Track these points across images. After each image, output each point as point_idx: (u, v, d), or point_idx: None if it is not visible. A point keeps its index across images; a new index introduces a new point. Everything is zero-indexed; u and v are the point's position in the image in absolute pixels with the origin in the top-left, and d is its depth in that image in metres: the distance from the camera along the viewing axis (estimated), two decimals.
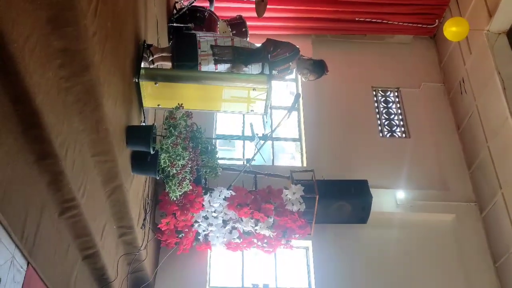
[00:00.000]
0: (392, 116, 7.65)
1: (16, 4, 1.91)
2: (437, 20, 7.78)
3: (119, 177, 3.39)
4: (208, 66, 4.27)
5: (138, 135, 3.57)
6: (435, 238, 6.38)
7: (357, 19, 7.69)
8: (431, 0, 7.60)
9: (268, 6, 6.05)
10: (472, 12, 6.92)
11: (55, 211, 2.87)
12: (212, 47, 4.30)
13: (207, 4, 6.26)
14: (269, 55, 4.41)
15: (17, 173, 2.30)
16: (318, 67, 4.49)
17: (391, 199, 6.47)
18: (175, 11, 6.18)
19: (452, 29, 5.84)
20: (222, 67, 4.32)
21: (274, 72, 4.47)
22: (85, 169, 2.97)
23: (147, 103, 3.90)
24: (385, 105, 7.74)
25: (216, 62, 4.28)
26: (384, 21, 7.69)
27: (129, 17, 3.42)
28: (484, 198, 6.54)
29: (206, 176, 5.24)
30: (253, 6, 6.13)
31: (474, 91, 6.91)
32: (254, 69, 4.41)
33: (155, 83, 3.72)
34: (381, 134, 7.37)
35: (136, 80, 3.64)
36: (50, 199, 2.75)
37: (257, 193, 5.27)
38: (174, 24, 5.83)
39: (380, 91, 7.83)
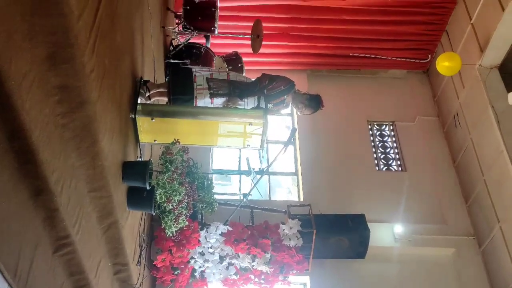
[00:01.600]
0: (388, 149, 7.67)
1: (15, 42, 1.93)
2: (429, 55, 7.91)
3: (114, 213, 3.36)
4: (204, 100, 4.30)
5: (135, 170, 3.56)
6: (434, 272, 6.31)
7: (351, 54, 7.83)
8: (423, 36, 7.75)
9: (263, 42, 6.14)
10: (464, 47, 7.05)
11: (49, 248, 2.83)
12: (208, 81, 4.34)
13: (203, 41, 6.36)
14: (264, 89, 4.45)
15: (12, 210, 2.27)
16: (314, 102, 4.52)
17: (389, 233, 6.42)
18: (171, 48, 6.28)
19: (445, 64, 5.94)
20: (218, 101, 4.35)
21: (269, 105, 4.50)
22: (81, 206, 2.94)
23: (144, 138, 3.91)
24: (380, 139, 7.78)
25: (212, 95, 4.31)
26: (377, 56, 7.81)
27: (127, 54, 3.47)
28: (482, 232, 6.50)
29: (203, 212, 5.19)
30: (249, 42, 6.22)
31: (468, 124, 6.97)
32: (249, 102, 4.44)
33: (152, 119, 3.74)
34: (377, 168, 7.38)
35: (133, 116, 3.66)
36: (45, 235, 2.71)
37: (254, 228, 5.23)
38: (171, 60, 5.91)
39: (375, 125, 7.89)
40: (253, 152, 6.29)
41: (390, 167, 7.47)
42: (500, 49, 6.53)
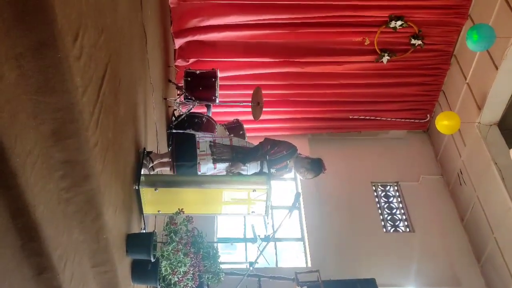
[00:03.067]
0: (394, 210, 7.60)
1: (20, 120, 1.96)
2: (428, 115, 8.02)
3: None
4: (207, 166, 4.31)
5: (139, 243, 3.51)
6: None
7: (351, 117, 7.94)
8: (420, 97, 7.89)
9: (264, 109, 6.24)
10: (462, 106, 7.16)
11: None
12: (211, 146, 4.38)
13: (204, 110, 6.47)
14: (267, 154, 4.48)
15: None
16: (316, 166, 4.52)
17: None
18: (173, 118, 6.37)
19: (444, 123, 6.00)
20: (221, 166, 4.36)
21: (272, 170, 4.51)
22: (84, 281, 2.87)
23: (147, 209, 3.88)
24: (386, 200, 7.72)
25: (215, 161, 4.34)
26: (377, 118, 7.92)
27: (130, 126, 3.52)
28: None
29: (209, 282, 5.06)
30: (250, 109, 6.33)
31: (473, 182, 6.93)
32: (252, 167, 4.45)
33: (155, 189, 3.73)
34: (384, 230, 7.27)
35: (136, 187, 3.66)
36: None
37: None
38: (173, 131, 5.99)
39: (379, 186, 7.85)
40: (258, 218, 6.23)
41: (398, 228, 7.36)
42: (497, 106, 6.62)
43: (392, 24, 6.87)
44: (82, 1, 2.16)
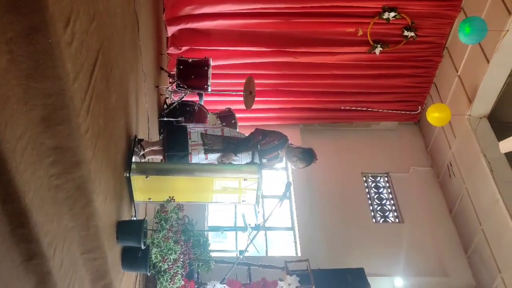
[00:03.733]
0: (384, 201, 7.65)
1: (10, 106, 1.95)
2: (419, 107, 8.06)
3: (109, 275, 3.28)
4: (198, 156, 4.31)
5: (129, 230, 3.51)
6: None
7: (342, 107, 7.96)
8: (412, 88, 7.92)
9: (256, 98, 6.24)
10: (452, 98, 7.20)
11: None
12: (202, 137, 4.38)
13: (196, 99, 6.46)
14: (258, 144, 4.48)
15: (3, 276, 2.22)
16: (307, 155, 4.53)
17: (389, 287, 6.29)
18: (165, 106, 6.36)
19: (435, 115, 6.03)
20: (212, 156, 4.36)
21: (263, 160, 4.52)
22: (74, 268, 2.88)
23: (138, 197, 3.88)
24: (376, 191, 7.77)
25: (206, 151, 4.34)
26: (369, 109, 7.95)
27: (121, 113, 3.50)
28: (484, 283, 6.39)
29: (199, 270, 5.09)
30: (242, 98, 6.33)
31: (462, 174, 6.99)
32: (244, 158, 4.46)
33: (146, 177, 3.73)
34: (374, 220, 7.33)
35: (127, 175, 3.65)
36: None
37: (251, 286, 5.11)
38: (165, 119, 5.98)
39: (370, 177, 7.90)
40: (249, 207, 6.24)
41: (387, 219, 7.43)
42: (488, 99, 6.67)
43: (385, 15, 6.87)
44: None
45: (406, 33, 7.09)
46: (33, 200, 2.22)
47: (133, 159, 3.81)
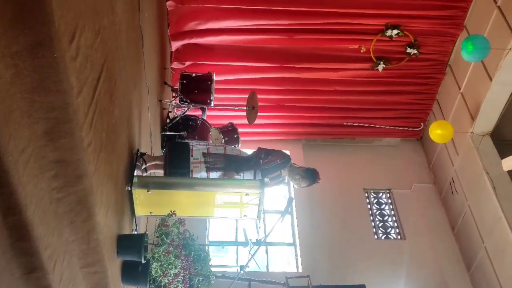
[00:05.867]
0: (386, 217, 7.62)
1: (14, 119, 1.96)
2: (422, 123, 8.06)
3: None
4: (200, 174, 4.31)
5: (130, 244, 3.50)
6: None
7: (345, 123, 7.97)
8: (414, 105, 7.94)
9: (258, 114, 6.25)
10: (455, 115, 7.20)
11: None
12: (204, 155, 4.38)
13: (199, 113, 6.48)
14: (261, 162, 4.47)
15: None
16: (310, 175, 4.52)
17: None
18: (168, 120, 6.38)
19: (437, 132, 6.04)
20: (214, 175, 4.36)
21: (266, 179, 4.51)
22: (74, 282, 2.86)
23: (139, 211, 3.88)
24: (378, 207, 7.74)
25: (208, 169, 4.33)
26: (371, 125, 7.95)
27: (124, 127, 3.52)
28: None
29: (199, 285, 5.04)
30: (244, 113, 6.34)
31: (464, 191, 6.97)
32: (246, 176, 4.46)
33: (148, 191, 3.73)
34: (376, 236, 7.29)
35: (129, 188, 3.65)
36: None
37: None
38: (168, 133, 5.99)
39: (372, 193, 7.88)
40: (250, 222, 6.23)
41: (389, 236, 7.39)
42: (490, 116, 6.67)
43: (388, 32, 6.92)
44: (80, 2, 2.17)
45: (409, 50, 7.12)
46: (34, 213, 2.22)
47: (135, 173, 3.81)
